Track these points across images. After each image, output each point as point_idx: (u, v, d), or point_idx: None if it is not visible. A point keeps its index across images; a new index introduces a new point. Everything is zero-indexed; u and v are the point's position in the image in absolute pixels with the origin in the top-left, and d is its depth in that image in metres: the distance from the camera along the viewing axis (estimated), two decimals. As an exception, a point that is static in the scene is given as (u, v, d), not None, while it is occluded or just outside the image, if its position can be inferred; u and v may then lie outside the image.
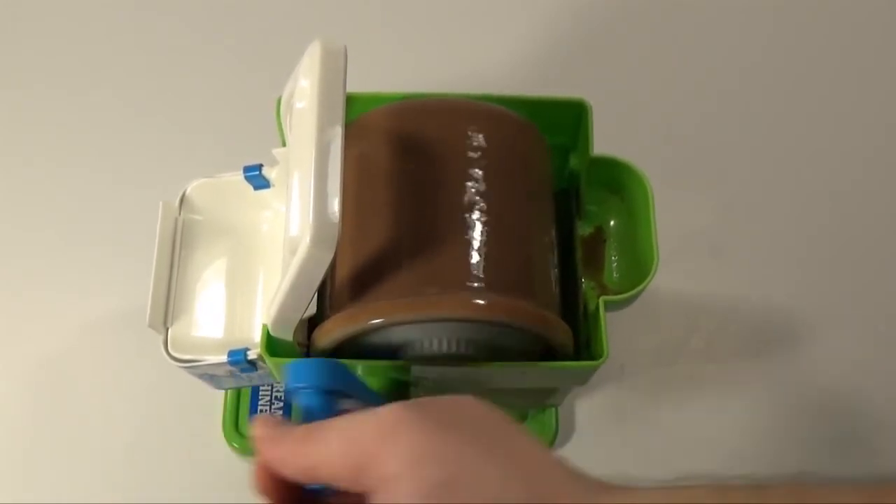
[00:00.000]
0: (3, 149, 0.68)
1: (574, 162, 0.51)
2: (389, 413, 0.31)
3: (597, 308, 0.44)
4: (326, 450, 0.31)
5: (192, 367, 0.45)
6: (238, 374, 0.46)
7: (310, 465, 0.31)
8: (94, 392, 0.60)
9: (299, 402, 0.34)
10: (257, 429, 0.33)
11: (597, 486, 0.31)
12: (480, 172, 0.43)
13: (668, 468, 0.58)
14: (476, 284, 0.40)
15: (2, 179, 0.67)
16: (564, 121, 0.49)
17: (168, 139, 0.68)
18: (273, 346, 0.42)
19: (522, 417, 0.59)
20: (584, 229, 0.50)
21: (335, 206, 0.36)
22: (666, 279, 0.47)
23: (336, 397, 0.34)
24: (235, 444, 0.57)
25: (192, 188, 0.49)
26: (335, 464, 0.30)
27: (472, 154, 0.43)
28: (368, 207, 0.42)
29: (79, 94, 0.70)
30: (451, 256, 0.41)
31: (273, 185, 0.48)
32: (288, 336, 0.41)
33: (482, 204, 0.42)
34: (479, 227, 0.41)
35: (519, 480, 0.29)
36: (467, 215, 0.42)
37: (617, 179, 0.48)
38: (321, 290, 0.41)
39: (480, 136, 0.44)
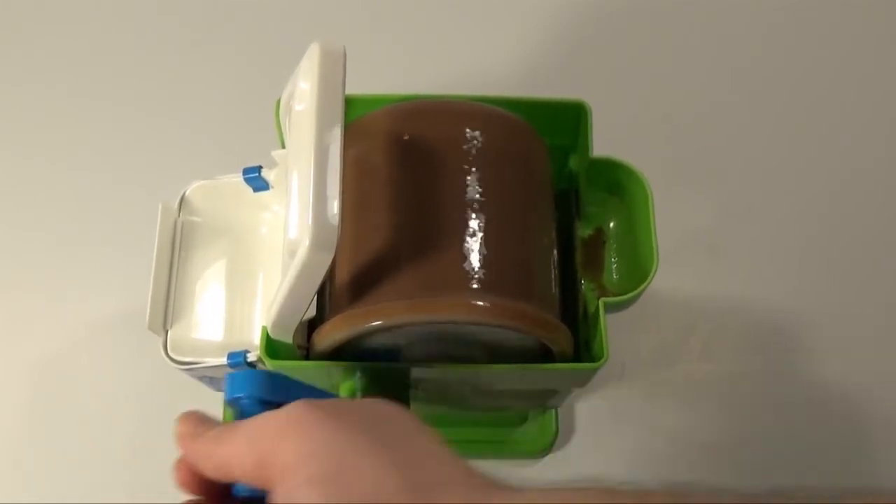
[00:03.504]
0: (3, 149, 0.68)
1: (574, 163, 0.51)
2: (292, 409, 0.32)
3: (597, 310, 0.44)
4: (236, 448, 0.32)
5: (191, 369, 0.45)
6: (238, 375, 0.46)
7: (221, 462, 0.33)
8: (94, 392, 0.60)
9: (238, 412, 0.35)
10: (179, 425, 0.35)
11: (486, 485, 0.31)
12: (479, 174, 0.43)
13: (667, 469, 0.58)
14: (475, 286, 0.40)
15: (1, 180, 0.67)
16: (564, 122, 0.49)
17: (168, 140, 0.68)
18: (273, 348, 0.42)
19: (522, 419, 0.59)
20: (583, 231, 0.50)
21: (334, 208, 0.36)
22: (665, 280, 0.47)
23: (274, 407, 0.34)
24: (235, 445, 0.57)
25: (192, 190, 0.49)
26: (243, 460, 0.32)
27: (471, 156, 0.43)
28: (368, 210, 0.42)
29: (79, 94, 0.70)
30: (451, 258, 0.41)
31: (272, 187, 0.48)
32: (287, 338, 0.42)
33: (481, 206, 0.42)
34: (478, 229, 0.41)
35: (400, 476, 0.29)
36: (466, 217, 0.42)
37: (616, 181, 0.48)
38: (321, 292, 0.41)
39: (480, 137, 0.44)
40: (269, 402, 0.35)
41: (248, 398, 0.35)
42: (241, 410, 0.35)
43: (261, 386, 0.35)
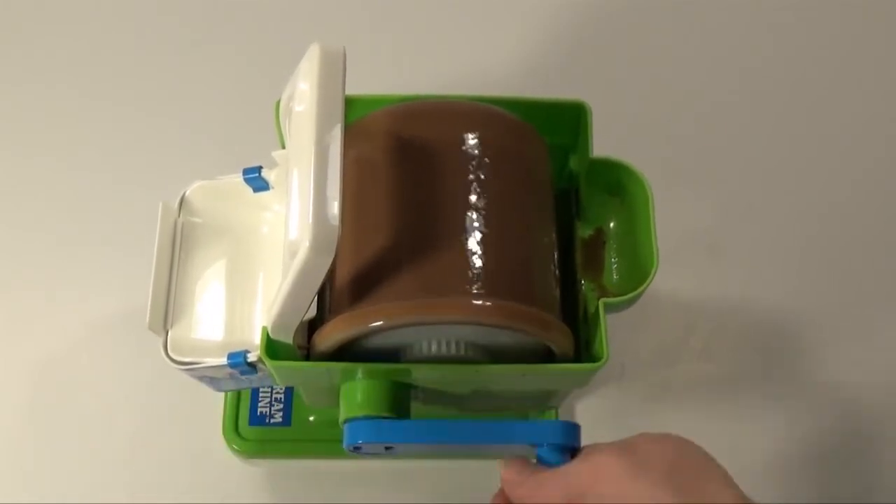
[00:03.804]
0: (3, 149, 0.68)
1: (574, 163, 0.51)
2: (598, 457, 0.39)
3: (597, 310, 0.44)
4: (550, 492, 0.39)
5: (191, 369, 0.45)
6: (238, 376, 0.46)
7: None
8: (94, 392, 0.60)
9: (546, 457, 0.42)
10: (506, 472, 0.42)
11: None
12: (480, 175, 0.43)
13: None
14: (476, 287, 0.40)
15: (1, 180, 0.67)
16: (564, 122, 0.49)
17: (168, 140, 0.68)
18: (273, 348, 0.42)
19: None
20: (583, 231, 0.50)
21: (335, 209, 0.36)
22: (665, 280, 0.47)
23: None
24: (235, 446, 0.57)
25: (192, 190, 0.49)
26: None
27: (471, 156, 0.43)
28: (368, 210, 0.42)
29: (79, 94, 0.70)
30: (451, 259, 0.41)
31: (272, 187, 0.48)
32: (288, 338, 0.42)
33: (482, 206, 0.42)
34: (478, 230, 0.41)
35: None
36: (467, 217, 0.42)
37: (617, 181, 0.48)
38: (321, 293, 0.41)
39: (480, 138, 0.44)
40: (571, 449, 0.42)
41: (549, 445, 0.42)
42: (543, 459, 0.42)
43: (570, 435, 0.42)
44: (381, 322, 0.40)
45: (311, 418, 0.58)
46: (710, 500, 0.36)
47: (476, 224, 0.42)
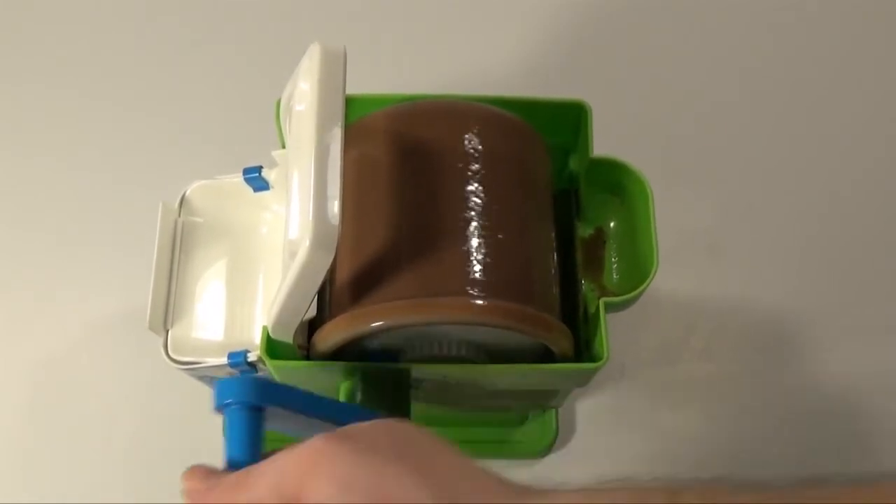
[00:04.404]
0: (3, 149, 0.68)
1: (574, 163, 0.51)
2: (309, 447, 0.31)
3: (597, 310, 0.44)
4: (257, 492, 0.31)
5: (192, 369, 0.45)
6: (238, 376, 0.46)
7: None
8: (94, 392, 0.60)
9: (226, 419, 0.35)
10: (187, 481, 0.34)
11: (520, 491, 0.31)
12: (480, 174, 0.43)
13: (668, 469, 0.58)
14: (476, 287, 0.40)
15: (2, 180, 0.67)
16: (564, 122, 0.49)
17: (168, 140, 0.68)
18: (273, 348, 0.42)
19: (523, 419, 0.59)
20: (584, 231, 0.50)
21: (335, 208, 0.36)
22: (665, 279, 0.47)
23: (262, 413, 0.34)
24: (235, 445, 0.57)
25: (192, 190, 0.49)
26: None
27: (471, 156, 0.43)
28: (368, 210, 0.42)
29: (79, 94, 0.70)
30: (451, 259, 0.41)
31: (273, 187, 0.48)
32: (288, 338, 0.41)
33: (481, 206, 0.42)
34: (478, 230, 0.41)
35: (436, 496, 0.30)
36: (466, 217, 0.42)
37: (617, 181, 0.48)
38: (321, 293, 0.41)
39: (480, 138, 0.44)
40: (257, 408, 0.34)
41: (236, 404, 0.34)
42: (231, 419, 0.34)
43: (249, 391, 0.34)
44: (381, 322, 0.40)
45: (311, 418, 0.58)
46: (450, 482, 0.31)
47: (476, 224, 0.42)
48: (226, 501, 0.32)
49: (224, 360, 0.44)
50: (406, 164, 0.43)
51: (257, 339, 0.43)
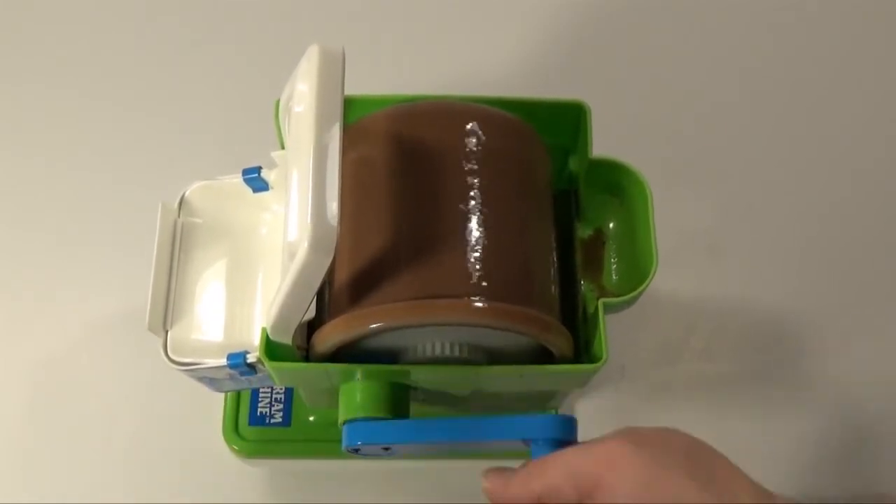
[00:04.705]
0: (3, 149, 0.68)
1: (573, 164, 0.51)
2: (606, 446, 0.36)
3: (596, 310, 0.44)
4: (551, 479, 0.36)
5: (191, 370, 0.45)
6: (238, 377, 0.46)
7: (539, 493, 0.37)
8: (94, 392, 0.60)
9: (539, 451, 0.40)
10: (487, 482, 0.39)
11: (764, 492, 0.36)
12: (479, 175, 0.43)
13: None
14: (475, 288, 0.40)
15: (2, 180, 0.67)
16: (563, 122, 0.49)
17: (168, 140, 0.68)
18: (272, 349, 0.42)
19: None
20: (583, 231, 0.50)
21: (333, 209, 0.36)
22: (665, 280, 0.47)
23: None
24: (235, 446, 0.57)
25: (191, 191, 0.49)
26: (561, 490, 0.36)
27: (470, 157, 0.43)
28: (367, 211, 0.42)
29: (79, 94, 0.70)
30: (450, 260, 0.41)
31: (272, 188, 0.48)
32: (287, 339, 0.41)
33: (481, 207, 0.42)
34: (477, 231, 0.41)
35: (720, 497, 0.35)
36: (466, 218, 0.42)
37: (616, 181, 0.48)
38: (320, 294, 0.41)
39: (479, 138, 0.44)
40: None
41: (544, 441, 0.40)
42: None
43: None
44: (380, 323, 0.40)
45: (311, 418, 0.58)
46: (730, 490, 0.35)
47: (475, 225, 0.42)
48: (524, 488, 0.37)
49: (223, 361, 0.44)
50: (405, 164, 0.43)
51: (257, 340, 0.43)
